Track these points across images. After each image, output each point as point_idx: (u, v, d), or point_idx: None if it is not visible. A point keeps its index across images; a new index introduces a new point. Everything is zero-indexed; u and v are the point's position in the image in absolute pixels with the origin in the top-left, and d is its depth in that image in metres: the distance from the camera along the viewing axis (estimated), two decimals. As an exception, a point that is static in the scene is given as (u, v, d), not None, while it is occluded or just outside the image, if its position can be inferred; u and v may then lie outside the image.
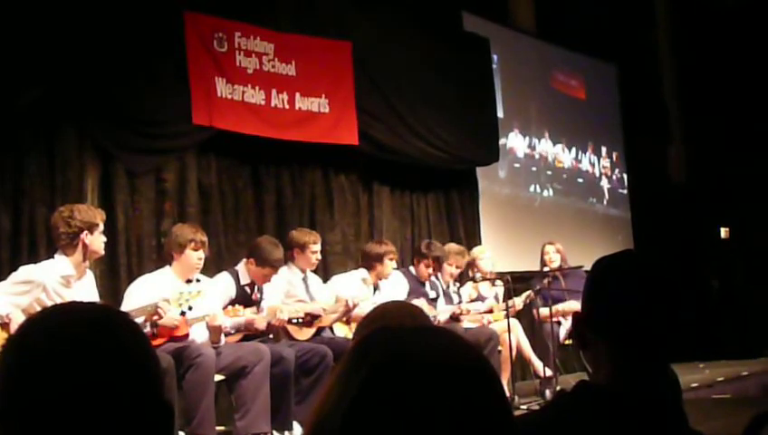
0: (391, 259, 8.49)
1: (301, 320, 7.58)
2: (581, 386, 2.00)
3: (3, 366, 1.34)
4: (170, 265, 6.86)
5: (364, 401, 1.13)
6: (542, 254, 10.02)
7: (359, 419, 1.12)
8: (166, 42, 7.90)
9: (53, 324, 1.35)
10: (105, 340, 1.32)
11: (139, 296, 6.41)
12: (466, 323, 9.04)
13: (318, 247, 7.97)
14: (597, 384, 2.02)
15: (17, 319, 5.50)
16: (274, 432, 6.83)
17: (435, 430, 1.10)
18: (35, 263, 6.14)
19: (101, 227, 6.12)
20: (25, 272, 5.90)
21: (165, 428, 1.35)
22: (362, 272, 8.52)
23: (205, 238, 6.86)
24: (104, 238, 6.19)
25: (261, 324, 7.16)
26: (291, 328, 7.60)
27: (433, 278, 9.10)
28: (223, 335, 6.88)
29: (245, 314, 7.04)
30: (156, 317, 6.13)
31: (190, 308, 6.39)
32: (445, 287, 9.25)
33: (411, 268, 9.07)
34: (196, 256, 6.78)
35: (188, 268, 6.79)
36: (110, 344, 1.32)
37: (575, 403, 1.96)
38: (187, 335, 6.62)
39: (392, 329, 1.25)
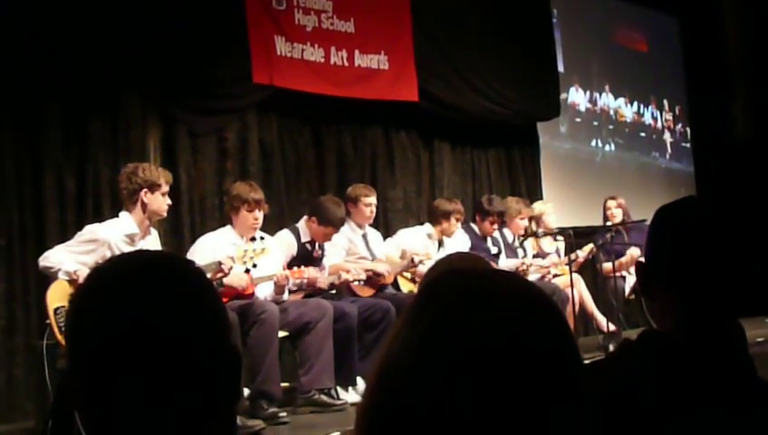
0: (458, 219, 8.49)
1: (363, 281, 7.62)
2: (646, 334, 1.99)
3: (72, 315, 1.36)
4: (231, 223, 6.93)
5: (433, 341, 1.14)
6: (604, 209, 9.97)
7: (428, 358, 1.13)
8: (225, 2, 7.91)
9: (120, 271, 1.36)
10: (172, 283, 1.34)
11: (202, 254, 6.47)
12: (530, 277, 9.02)
13: (371, 200, 7.94)
14: (662, 333, 2.00)
15: (85, 276, 5.58)
16: (338, 388, 6.87)
17: (504, 365, 1.11)
18: (100, 223, 6.22)
19: (164, 188, 6.15)
20: (90, 231, 5.99)
21: (233, 374, 1.36)
22: (428, 227, 8.54)
23: (259, 196, 6.87)
24: (168, 201, 6.23)
25: (323, 284, 7.20)
26: (354, 285, 7.64)
27: (495, 233, 9.08)
28: (287, 292, 6.93)
29: (309, 272, 7.08)
30: (220, 274, 6.17)
31: (255, 266, 6.44)
32: (510, 241, 9.23)
33: (473, 225, 9.06)
34: (251, 217, 6.82)
35: (246, 228, 6.84)
36: (178, 288, 1.33)
37: (640, 351, 1.95)
38: (252, 294, 6.68)
39: (458, 271, 1.25)
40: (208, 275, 5.75)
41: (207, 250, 6.58)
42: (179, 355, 1.28)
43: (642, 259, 2.08)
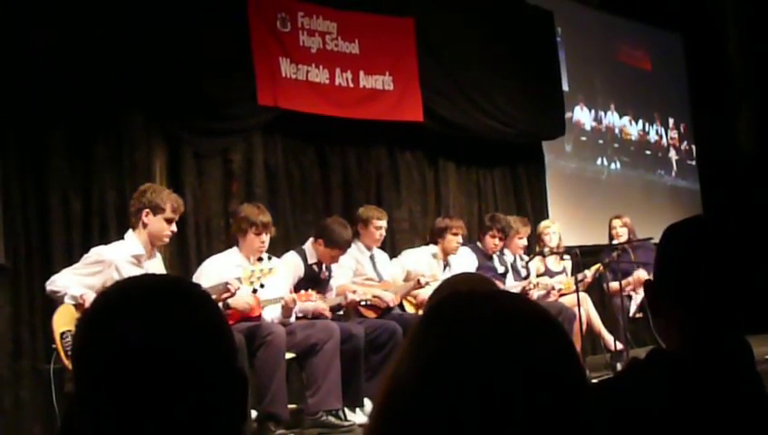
0: (455, 234, 8.49)
1: (369, 303, 7.61)
2: (654, 353, 1.99)
3: (78, 338, 1.36)
4: (237, 245, 6.93)
5: (439, 363, 1.13)
6: (610, 228, 9.97)
7: (434, 380, 1.12)
8: (230, 23, 7.93)
9: (126, 295, 1.36)
10: (178, 307, 1.33)
11: (208, 277, 6.47)
12: (535, 294, 9.00)
13: (382, 224, 7.97)
14: (669, 351, 2.00)
15: (91, 300, 5.57)
16: (345, 409, 6.86)
17: (509, 390, 1.10)
18: (106, 244, 6.22)
19: (168, 213, 6.09)
20: (96, 253, 5.99)
21: (239, 396, 1.36)
22: (432, 248, 8.55)
23: (267, 219, 6.88)
24: (172, 228, 6.18)
25: (328, 314, 7.19)
26: (360, 307, 7.63)
27: (499, 253, 9.07)
28: (294, 315, 6.93)
29: (316, 302, 7.08)
30: (226, 295, 6.15)
31: (262, 286, 6.43)
32: (512, 261, 9.22)
33: (479, 243, 9.06)
34: (258, 241, 6.82)
35: (253, 251, 6.84)
36: (184, 311, 1.33)
37: (648, 370, 1.94)
38: (259, 316, 6.67)
39: (462, 293, 1.25)
40: (214, 297, 5.75)
41: (213, 272, 6.58)
42: (185, 378, 1.27)
43: (650, 278, 2.08)
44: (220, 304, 6.18)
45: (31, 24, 6.75)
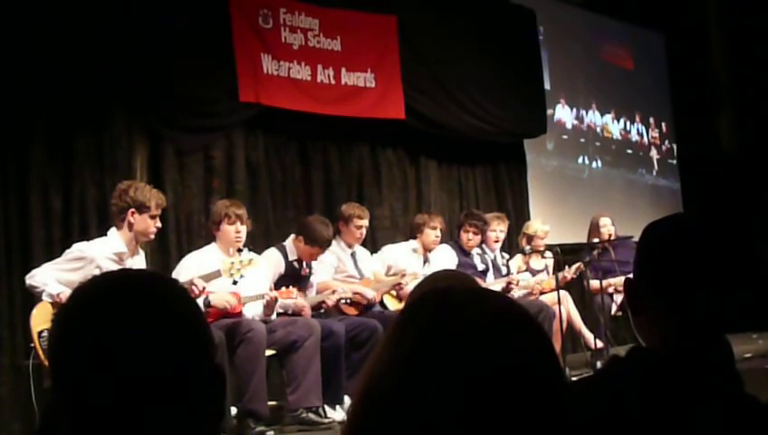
0: (433, 228, 8.49)
1: (350, 301, 7.61)
2: (634, 351, 1.99)
3: (54, 334, 1.35)
4: (215, 240, 6.92)
5: (414, 361, 1.13)
6: (597, 226, 9.90)
7: (412, 377, 1.12)
8: (212, 20, 7.91)
9: (102, 290, 1.35)
10: (154, 303, 1.33)
11: (187, 273, 6.45)
12: (516, 293, 9.01)
13: (364, 223, 7.97)
14: (650, 349, 2.00)
15: (68, 297, 5.55)
16: (326, 406, 6.85)
17: (486, 387, 1.10)
18: (87, 241, 6.20)
19: (154, 210, 6.11)
20: (78, 249, 5.97)
21: (217, 393, 1.35)
22: (413, 243, 8.56)
23: (240, 211, 6.89)
24: (157, 224, 6.19)
25: (308, 312, 7.18)
26: (341, 304, 7.63)
27: (479, 250, 9.07)
28: (275, 313, 6.92)
29: (296, 299, 7.08)
30: (192, 295, 6.09)
31: (242, 277, 6.43)
32: (493, 258, 9.22)
33: (458, 241, 9.06)
34: (233, 230, 6.82)
35: (229, 242, 6.82)
36: (160, 307, 1.33)
37: (628, 368, 1.94)
38: (240, 313, 6.65)
39: (440, 291, 1.24)
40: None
41: (192, 268, 6.56)
42: (161, 374, 1.27)
43: (630, 277, 2.08)
44: (200, 302, 6.17)
45: (12, 20, 6.72)
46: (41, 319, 5.58)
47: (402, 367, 1.14)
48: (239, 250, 6.78)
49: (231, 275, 6.36)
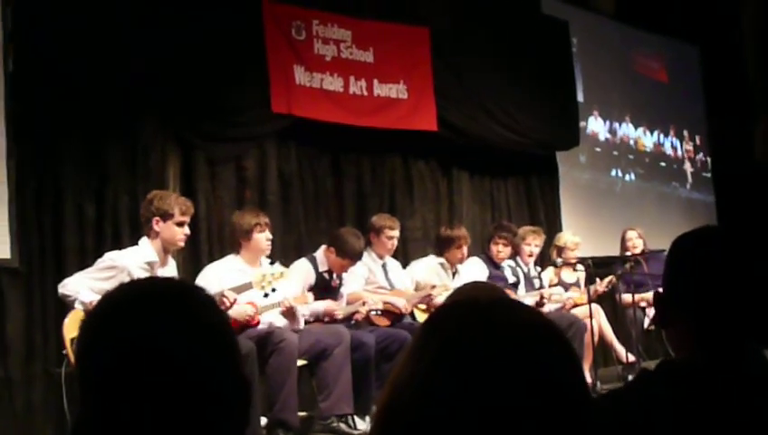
0: (459, 247, 8.46)
1: (380, 312, 7.61)
2: (664, 364, 1.98)
3: (81, 340, 1.36)
4: (237, 253, 6.91)
5: (436, 374, 1.13)
6: (624, 240, 9.93)
7: (431, 392, 1.12)
8: (245, 31, 7.95)
9: (129, 298, 1.36)
10: (181, 311, 1.33)
11: (208, 284, 6.43)
12: (548, 307, 8.99)
13: (395, 233, 7.98)
14: (680, 361, 1.98)
15: (99, 305, 5.58)
16: (355, 417, 6.85)
17: (507, 401, 1.09)
18: (119, 250, 6.24)
19: (178, 217, 6.13)
20: (110, 258, 6.00)
21: (243, 402, 1.36)
22: (440, 258, 8.53)
23: (267, 220, 6.91)
24: (185, 231, 6.20)
25: (340, 315, 7.19)
26: (371, 315, 7.63)
27: (512, 263, 9.05)
28: (302, 321, 6.91)
29: (321, 304, 7.09)
30: (222, 307, 6.08)
31: (273, 290, 6.43)
32: (526, 271, 9.20)
33: (489, 253, 9.04)
34: (264, 238, 6.84)
35: (258, 251, 6.84)
36: (187, 316, 1.33)
37: (657, 381, 1.93)
38: (257, 324, 6.64)
39: (463, 303, 1.24)
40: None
41: (214, 280, 6.55)
42: (187, 382, 1.27)
43: (659, 290, 2.07)
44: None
45: (45, 30, 6.78)
46: (73, 327, 5.61)
47: (424, 379, 1.13)
48: (271, 263, 6.79)
49: (262, 287, 6.36)
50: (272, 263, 6.76)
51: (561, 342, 1.18)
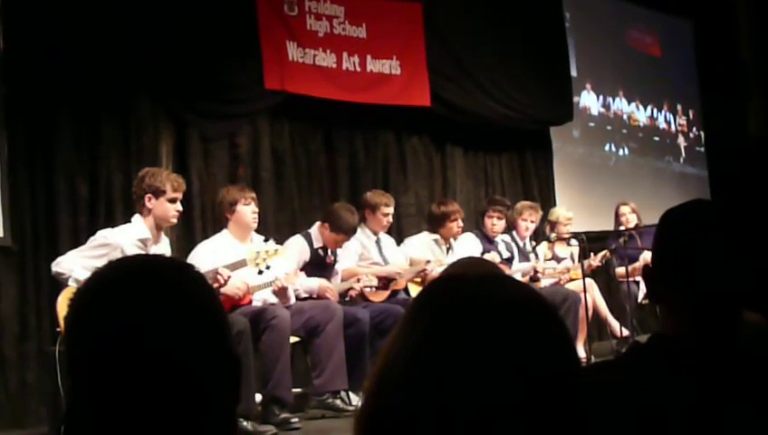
0: (454, 220, 8.46)
1: (375, 287, 7.62)
2: (655, 338, 1.98)
3: (70, 317, 1.36)
4: (227, 228, 6.89)
5: (427, 347, 1.13)
6: (618, 214, 9.95)
7: (422, 364, 1.12)
8: (237, 7, 7.92)
9: (120, 274, 1.36)
10: (170, 287, 1.33)
11: (201, 261, 6.43)
12: (544, 281, 9.01)
13: (390, 210, 7.98)
14: (671, 335, 1.99)
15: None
16: (350, 393, 6.86)
17: (497, 375, 1.10)
18: (112, 228, 6.23)
19: (170, 194, 6.10)
20: (102, 236, 5.99)
21: (232, 379, 1.36)
22: (433, 235, 8.53)
23: (254, 194, 6.88)
24: (177, 207, 6.18)
25: (334, 294, 7.18)
26: (366, 291, 7.64)
27: (507, 238, 9.06)
28: (293, 296, 6.89)
29: (315, 281, 7.10)
30: (216, 285, 6.08)
31: (268, 267, 6.41)
32: (521, 246, 9.21)
33: (483, 229, 9.05)
34: (249, 211, 6.79)
35: (245, 226, 6.80)
36: (176, 292, 1.33)
37: (648, 354, 1.93)
38: (249, 302, 6.62)
39: (454, 276, 1.24)
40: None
41: (207, 257, 6.54)
42: (176, 360, 1.27)
43: (649, 264, 2.07)
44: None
45: (38, 8, 6.75)
46: (67, 305, 5.60)
47: (415, 352, 1.14)
48: (265, 240, 6.78)
49: (257, 264, 6.35)
50: (266, 240, 6.74)
51: (552, 316, 1.19)
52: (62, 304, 5.62)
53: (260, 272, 6.44)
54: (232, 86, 8.02)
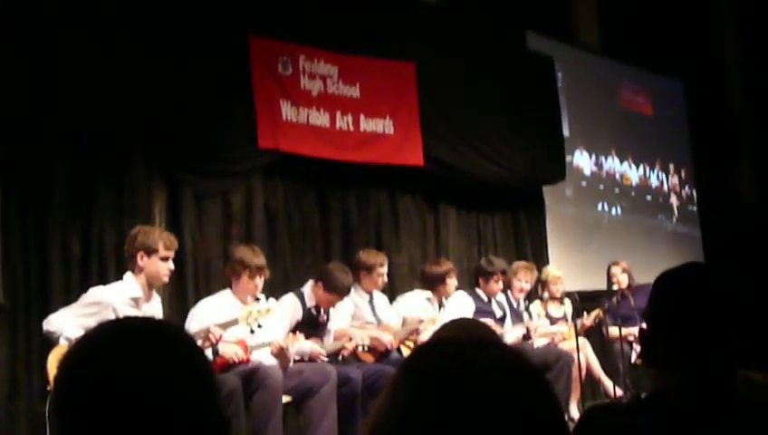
0: (452, 277, 8.49)
1: (367, 348, 7.60)
2: (656, 396, 1.98)
3: (59, 378, 1.36)
4: (231, 287, 6.91)
5: (412, 412, 1.13)
6: (610, 275, 9.97)
7: (410, 427, 1.12)
8: (231, 66, 7.96)
9: (108, 337, 1.36)
10: (159, 351, 1.33)
11: (200, 319, 6.44)
12: (537, 341, 8.99)
13: (384, 269, 8.00)
14: (668, 395, 1.98)
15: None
16: (342, 453, 6.82)
17: None
18: (104, 285, 6.22)
19: (162, 252, 6.13)
20: (94, 294, 5.99)
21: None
22: (426, 292, 8.52)
23: (261, 262, 6.89)
24: (169, 266, 6.20)
25: (324, 358, 7.14)
26: (358, 351, 7.61)
27: (500, 297, 9.05)
28: (292, 359, 6.88)
29: (312, 344, 7.07)
30: (207, 344, 6.08)
31: (260, 326, 6.41)
32: (515, 305, 9.20)
33: (477, 289, 9.04)
34: (252, 284, 6.82)
35: (245, 294, 6.83)
36: (165, 355, 1.33)
37: (649, 411, 1.93)
38: (248, 362, 6.60)
39: (442, 342, 1.24)
40: (198, 343, 5.69)
41: (206, 315, 6.54)
42: (164, 422, 1.27)
43: (643, 327, 2.08)
44: (209, 352, 6.12)
45: (33, 64, 6.78)
46: (57, 365, 5.57)
47: (401, 417, 1.13)
48: (257, 298, 6.78)
49: (248, 323, 6.35)
50: (257, 298, 6.74)
51: (539, 382, 1.18)
52: (53, 363, 5.60)
53: (251, 331, 6.44)
54: (225, 145, 8.02)
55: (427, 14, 9.90)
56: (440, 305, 8.54)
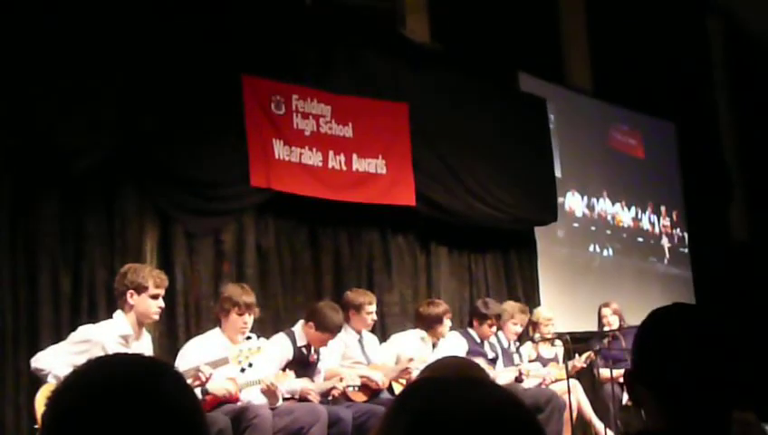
0: (447, 318, 8.48)
1: (357, 387, 7.57)
2: (641, 433, 1.98)
3: (49, 413, 1.35)
4: (220, 326, 6.89)
5: None
6: (600, 316, 9.96)
7: None
8: (224, 105, 7.98)
9: (97, 375, 1.35)
10: (147, 389, 1.32)
11: (189, 359, 6.42)
12: (528, 382, 8.96)
13: (373, 308, 7.98)
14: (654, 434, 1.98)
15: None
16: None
17: None
18: (94, 323, 6.20)
19: (152, 290, 6.12)
20: (84, 332, 5.96)
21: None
22: (420, 332, 8.50)
23: (251, 300, 6.86)
24: (159, 304, 6.18)
25: (315, 398, 7.11)
26: (348, 391, 7.58)
27: (492, 338, 9.04)
28: (281, 399, 6.85)
29: (303, 383, 7.04)
30: (197, 383, 6.06)
31: (250, 365, 6.39)
32: (506, 347, 9.18)
33: (470, 329, 9.02)
34: (240, 321, 6.78)
35: (235, 331, 6.80)
36: (151, 395, 1.32)
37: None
38: (237, 400, 6.57)
39: (432, 380, 1.24)
40: (188, 381, 5.66)
41: (195, 354, 6.52)
42: None
43: (630, 369, 2.07)
44: (198, 390, 6.10)
45: (22, 98, 6.78)
46: (45, 403, 5.53)
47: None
48: (247, 337, 6.76)
49: (239, 362, 6.33)
50: (248, 338, 6.72)
51: (528, 422, 1.18)
52: (41, 401, 5.57)
53: (242, 370, 6.41)
54: (218, 183, 8.03)
55: (420, 55, 9.95)
56: (434, 346, 8.51)
